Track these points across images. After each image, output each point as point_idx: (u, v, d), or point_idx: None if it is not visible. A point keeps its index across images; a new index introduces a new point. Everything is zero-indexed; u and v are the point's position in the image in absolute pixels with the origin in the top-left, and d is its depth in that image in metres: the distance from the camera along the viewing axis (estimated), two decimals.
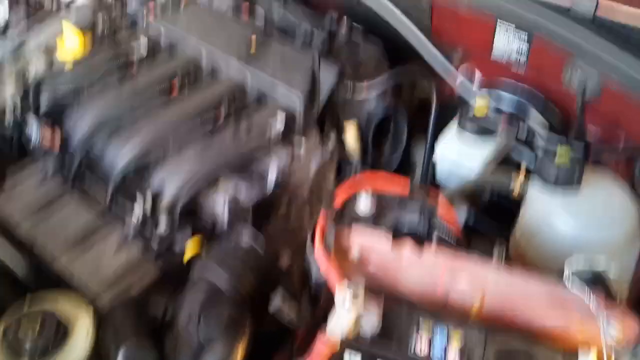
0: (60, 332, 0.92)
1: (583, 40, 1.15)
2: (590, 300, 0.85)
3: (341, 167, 1.50)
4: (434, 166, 1.42)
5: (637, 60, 1.09)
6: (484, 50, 1.42)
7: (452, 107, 1.55)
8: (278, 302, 0.95)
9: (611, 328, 0.88)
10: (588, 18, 1.18)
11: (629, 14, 1.17)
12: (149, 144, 1.25)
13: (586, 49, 1.15)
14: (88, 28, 1.60)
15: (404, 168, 1.64)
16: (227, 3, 1.67)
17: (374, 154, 1.55)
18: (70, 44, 1.54)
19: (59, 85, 1.40)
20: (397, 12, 1.49)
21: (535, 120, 1.40)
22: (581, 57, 1.18)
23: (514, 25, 1.31)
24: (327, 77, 1.38)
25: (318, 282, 1.00)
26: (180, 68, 1.43)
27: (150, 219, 1.18)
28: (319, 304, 1.03)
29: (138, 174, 1.25)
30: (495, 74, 1.49)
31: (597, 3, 1.17)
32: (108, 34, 1.57)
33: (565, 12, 1.20)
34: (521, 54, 1.36)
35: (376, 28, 1.59)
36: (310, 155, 1.39)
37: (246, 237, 1.07)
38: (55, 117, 1.38)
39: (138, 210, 1.17)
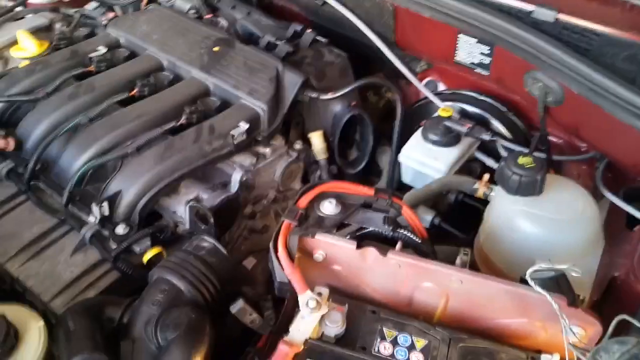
0: (10, 338, 0.88)
1: (543, 53, 1.17)
2: (551, 302, 0.85)
3: (308, 169, 1.50)
4: (400, 169, 1.43)
5: (595, 69, 1.11)
6: (447, 58, 1.43)
7: (418, 112, 1.56)
8: (239, 304, 0.93)
9: (573, 329, 0.88)
10: (550, 23, 1.20)
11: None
12: (106, 147, 1.22)
13: (546, 61, 1.17)
14: (45, 35, 1.57)
15: (371, 171, 1.65)
16: (190, 3, 1.64)
17: (341, 157, 1.55)
18: (26, 50, 1.51)
19: (13, 87, 1.36)
20: (360, 22, 1.49)
21: (497, 131, 1.42)
22: (541, 69, 1.20)
23: (475, 40, 1.33)
24: (292, 85, 1.37)
25: (282, 284, 0.98)
26: (140, 73, 1.40)
27: (108, 222, 1.15)
28: (284, 306, 1.01)
29: (96, 178, 1.21)
30: (458, 81, 1.51)
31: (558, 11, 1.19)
32: (66, 41, 1.53)
33: (527, 19, 1.22)
34: (483, 64, 1.38)
35: (341, 38, 1.59)
36: (275, 158, 1.38)
37: (208, 239, 1.05)
38: (9, 119, 1.34)
39: (96, 213, 1.14)
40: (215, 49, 1.43)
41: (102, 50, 1.46)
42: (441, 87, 1.59)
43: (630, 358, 0.76)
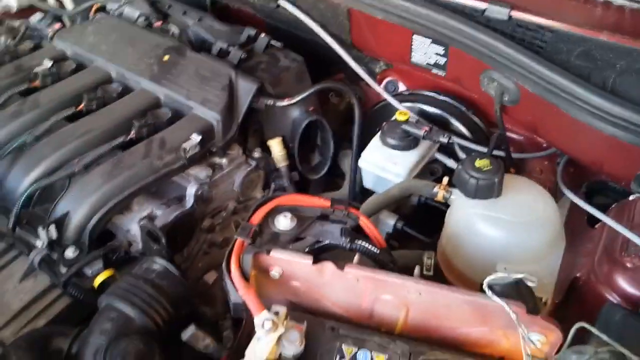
0: None
1: (497, 52, 1.15)
2: (509, 310, 0.84)
3: (269, 177, 1.47)
4: (361, 173, 1.40)
5: (549, 67, 1.10)
6: (404, 59, 1.41)
7: (379, 114, 1.54)
8: (190, 331, 0.89)
9: (533, 337, 0.87)
10: (503, 20, 1.18)
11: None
12: (54, 166, 1.17)
13: (500, 60, 1.15)
14: None
15: (337, 174, 1.62)
16: (139, 10, 1.59)
17: (303, 163, 1.52)
18: None
19: None
20: (314, 24, 1.46)
21: (457, 131, 1.41)
22: (496, 68, 1.18)
23: (430, 40, 1.31)
24: (246, 93, 1.33)
25: (237, 305, 0.95)
26: (88, 86, 1.35)
27: (57, 245, 1.10)
28: (242, 326, 0.98)
29: (44, 199, 1.17)
30: (418, 81, 1.49)
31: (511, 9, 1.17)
32: (10, 56, 1.46)
33: (480, 17, 1.20)
34: (439, 64, 1.36)
35: (300, 40, 1.55)
36: (233, 168, 1.35)
37: (159, 260, 1.01)
38: None
39: (43, 236, 1.09)
40: (165, 58, 1.39)
41: (48, 63, 1.40)
42: (402, 87, 1.57)
43: None
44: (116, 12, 1.60)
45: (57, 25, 1.56)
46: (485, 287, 0.87)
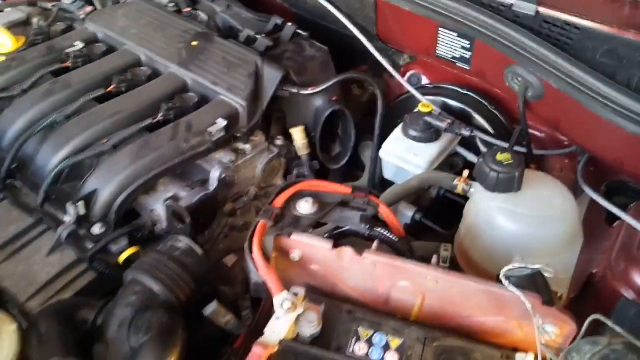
0: None
1: (523, 47, 1.16)
2: (525, 301, 0.85)
3: (289, 164, 1.49)
4: (381, 164, 1.42)
5: (574, 63, 1.10)
6: (429, 51, 1.42)
7: (401, 106, 1.55)
8: (212, 306, 0.92)
9: (547, 328, 0.88)
10: (530, 16, 1.19)
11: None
12: (82, 145, 1.20)
13: (526, 56, 1.16)
14: (22, 30, 1.54)
15: (356, 165, 1.64)
16: None
17: (324, 152, 1.54)
18: (2, 45, 1.49)
19: None
20: (341, 14, 1.47)
21: (479, 125, 1.41)
22: (521, 63, 1.19)
23: (456, 33, 1.32)
24: (271, 80, 1.35)
25: (257, 285, 0.97)
26: (117, 69, 1.38)
27: (84, 221, 1.14)
28: (261, 306, 1.01)
29: (72, 176, 1.20)
30: (441, 75, 1.50)
31: (538, 4, 1.18)
32: (43, 37, 1.50)
33: (507, 12, 1.20)
34: (464, 58, 1.37)
35: (325, 30, 1.57)
36: (256, 154, 1.37)
37: (184, 239, 1.04)
38: None
39: (72, 212, 1.13)
40: (194, 43, 1.41)
41: (79, 45, 1.44)
42: (424, 80, 1.58)
43: (600, 358, 0.76)
44: None
45: (88, 8, 1.60)
46: (502, 276, 0.88)
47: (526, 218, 1.11)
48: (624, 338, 0.79)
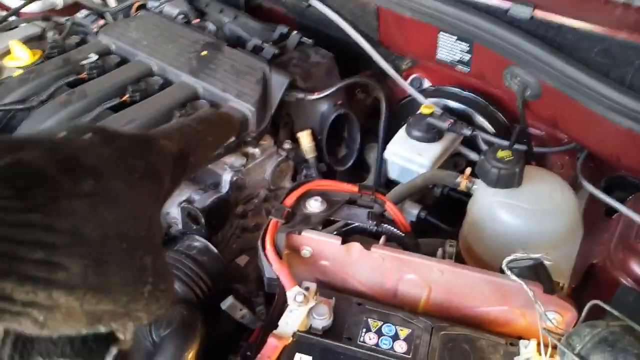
0: None
1: (520, 49, 1.20)
2: (527, 289, 0.89)
3: (298, 167, 1.54)
4: (386, 165, 1.47)
5: (570, 63, 1.15)
6: (429, 55, 1.47)
7: (404, 109, 1.60)
8: (229, 301, 0.96)
9: (549, 315, 0.92)
10: (525, 19, 1.23)
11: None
12: None
13: (523, 57, 1.20)
14: (38, 44, 1.60)
15: (362, 167, 1.69)
16: (178, 8, 1.68)
17: (330, 155, 1.59)
18: (20, 59, 1.54)
19: (7, 96, 1.39)
20: (344, 22, 1.53)
21: (480, 125, 1.46)
22: (519, 64, 1.23)
23: (455, 37, 1.37)
24: (279, 86, 1.40)
25: (271, 280, 1.02)
26: (131, 79, 1.43)
27: None
28: (274, 302, 1.05)
29: None
30: (442, 78, 1.55)
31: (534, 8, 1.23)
32: (58, 50, 1.55)
33: (504, 16, 1.25)
34: (464, 61, 1.42)
35: (329, 38, 1.62)
36: (265, 157, 1.42)
37: (200, 238, 1.09)
38: (5, 128, 1.37)
39: None
40: (204, 53, 1.47)
41: (94, 57, 1.49)
42: (426, 83, 1.63)
43: (599, 340, 0.80)
44: (157, 10, 1.69)
45: (101, 22, 1.65)
46: (504, 267, 0.92)
47: (527, 212, 1.15)
48: (622, 321, 0.83)
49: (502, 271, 0.94)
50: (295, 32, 1.58)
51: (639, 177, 1.26)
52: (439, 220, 1.40)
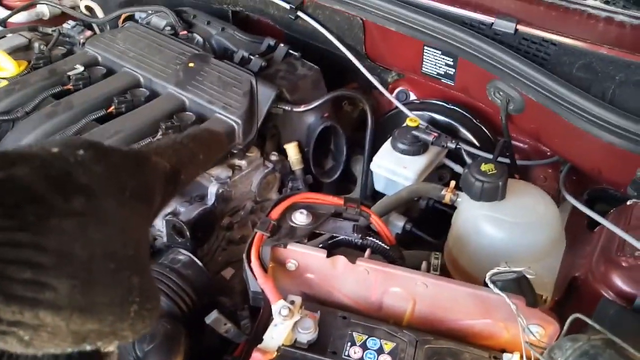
0: None
1: (503, 63, 1.22)
2: (509, 303, 0.90)
3: (284, 179, 1.54)
4: (372, 178, 1.47)
5: (552, 78, 1.17)
6: (415, 69, 1.49)
7: (390, 121, 1.61)
8: (213, 315, 0.96)
9: (532, 329, 0.93)
10: (509, 34, 1.25)
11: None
12: None
13: (506, 71, 1.22)
14: (24, 55, 1.59)
15: (348, 179, 1.70)
16: (166, 20, 1.68)
17: (317, 167, 1.59)
18: (5, 70, 1.53)
19: None
20: (331, 35, 1.54)
21: (465, 138, 1.47)
22: (502, 79, 1.25)
23: (440, 52, 1.38)
24: (265, 98, 1.41)
25: (256, 294, 1.02)
26: (117, 90, 1.43)
27: None
28: (259, 315, 1.05)
29: None
30: (428, 91, 1.56)
31: (517, 22, 1.25)
32: (44, 61, 1.55)
33: (488, 30, 1.27)
34: (449, 74, 1.44)
35: (316, 50, 1.64)
36: (252, 169, 1.42)
37: (184, 252, 1.09)
38: None
39: None
40: (190, 64, 1.47)
41: (80, 68, 1.49)
42: (412, 96, 1.64)
43: (581, 354, 0.81)
44: (144, 21, 1.69)
45: (88, 33, 1.65)
46: (487, 280, 0.93)
47: (511, 225, 1.16)
48: (604, 335, 0.84)
49: (486, 284, 0.96)
50: (282, 44, 1.59)
51: (621, 190, 1.27)
52: (424, 233, 1.40)
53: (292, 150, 1.51)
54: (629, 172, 1.13)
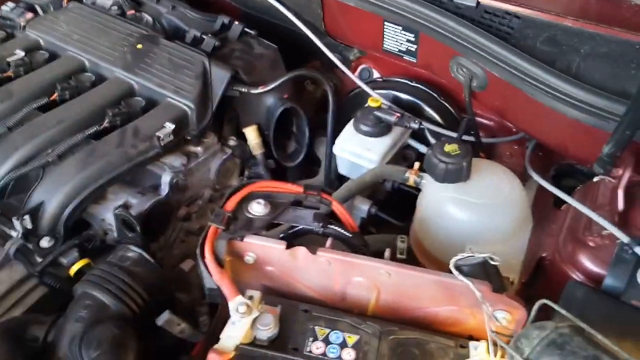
0: None
1: (464, 39, 1.17)
2: (474, 290, 0.86)
3: (245, 165, 1.48)
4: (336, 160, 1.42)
5: (515, 53, 1.12)
6: (376, 46, 1.43)
7: (354, 100, 1.56)
8: (165, 317, 0.91)
9: (498, 315, 0.90)
10: (471, 7, 1.20)
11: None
12: (27, 156, 1.17)
13: (468, 47, 1.18)
14: None
15: (310, 162, 1.64)
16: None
17: (280, 150, 1.53)
18: None
19: None
20: (288, 11, 1.47)
21: (429, 117, 1.43)
22: (465, 55, 1.21)
23: (400, 27, 1.33)
24: (220, 81, 1.34)
25: (212, 291, 0.97)
26: (61, 76, 1.35)
27: (32, 235, 1.11)
28: (217, 312, 1.00)
29: (18, 189, 1.17)
30: (391, 69, 1.51)
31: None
32: None
33: (449, 4, 1.22)
34: (410, 51, 1.39)
35: (275, 28, 1.56)
36: (209, 156, 1.36)
37: (134, 248, 1.02)
38: None
39: (18, 227, 1.10)
40: (139, 46, 1.39)
41: (21, 53, 1.39)
42: (376, 74, 1.59)
43: (548, 343, 0.78)
44: (89, 1, 1.59)
45: (29, 15, 1.55)
46: (452, 267, 0.89)
47: (476, 206, 1.13)
48: (571, 321, 0.82)
49: (450, 270, 0.92)
50: (237, 22, 1.51)
51: (588, 166, 1.25)
52: (390, 215, 1.37)
53: (251, 134, 1.45)
54: (595, 149, 1.10)
